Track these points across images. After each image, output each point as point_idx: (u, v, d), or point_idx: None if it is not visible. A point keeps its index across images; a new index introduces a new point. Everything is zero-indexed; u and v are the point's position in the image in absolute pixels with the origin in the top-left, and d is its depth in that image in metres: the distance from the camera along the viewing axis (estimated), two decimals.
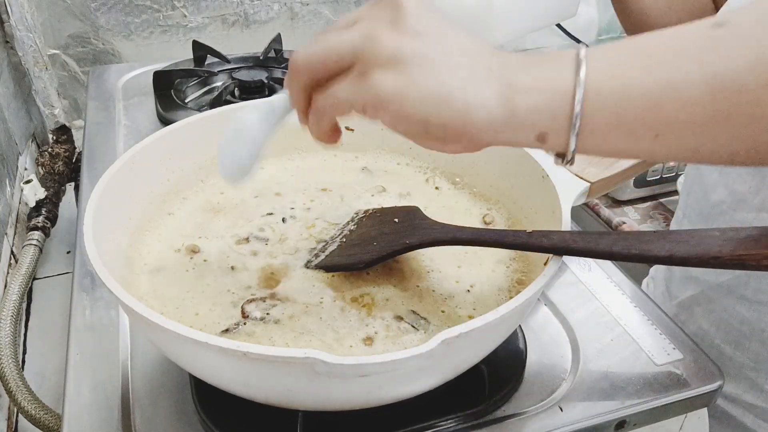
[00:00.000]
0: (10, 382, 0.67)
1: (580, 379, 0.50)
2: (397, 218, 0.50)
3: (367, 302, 0.46)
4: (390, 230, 0.49)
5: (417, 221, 0.49)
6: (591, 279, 0.60)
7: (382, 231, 0.49)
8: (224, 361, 0.36)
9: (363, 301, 0.46)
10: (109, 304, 0.57)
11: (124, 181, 0.50)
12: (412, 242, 0.46)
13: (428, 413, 0.46)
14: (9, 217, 0.89)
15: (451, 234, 0.45)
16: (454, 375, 0.42)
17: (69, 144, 1.12)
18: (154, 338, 0.41)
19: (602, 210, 1.10)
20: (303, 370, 0.35)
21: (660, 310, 0.57)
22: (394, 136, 0.36)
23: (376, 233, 0.49)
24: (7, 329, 0.70)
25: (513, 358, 0.51)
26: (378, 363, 0.34)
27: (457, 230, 0.46)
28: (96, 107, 0.92)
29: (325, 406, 0.41)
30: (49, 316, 0.85)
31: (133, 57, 1.14)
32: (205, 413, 0.45)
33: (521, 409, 0.47)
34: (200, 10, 1.15)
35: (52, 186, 0.97)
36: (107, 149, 0.81)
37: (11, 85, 1.04)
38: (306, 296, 0.47)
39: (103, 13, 1.10)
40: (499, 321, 0.37)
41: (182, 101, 0.90)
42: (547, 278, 0.40)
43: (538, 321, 0.55)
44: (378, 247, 0.47)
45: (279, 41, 1.05)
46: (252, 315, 0.45)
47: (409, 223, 0.49)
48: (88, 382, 0.49)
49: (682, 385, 0.49)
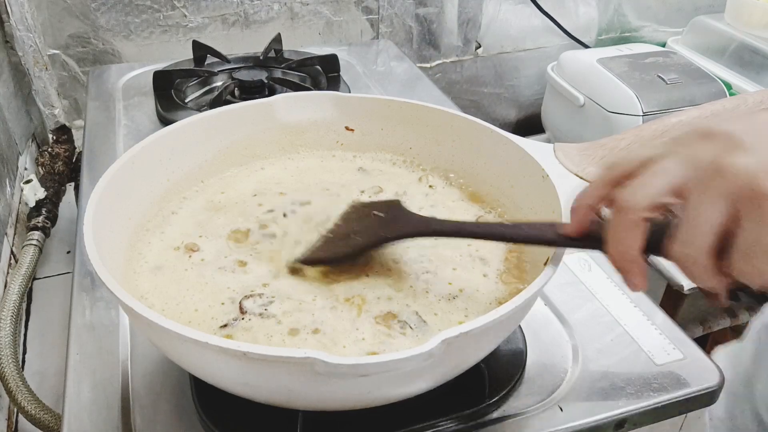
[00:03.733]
0: (10, 382, 0.67)
1: (580, 379, 0.50)
2: (380, 211, 0.50)
3: (358, 303, 0.46)
4: (372, 224, 0.49)
5: (398, 214, 0.49)
6: (591, 279, 0.60)
7: (365, 225, 0.50)
8: (224, 361, 0.36)
9: (354, 301, 0.46)
10: (109, 304, 0.57)
11: (124, 181, 0.50)
12: (389, 235, 0.47)
13: (428, 413, 0.46)
14: (9, 217, 0.89)
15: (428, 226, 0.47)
16: (454, 375, 0.42)
17: (69, 144, 1.12)
18: (154, 338, 0.41)
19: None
20: (303, 370, 0.35)
21: (660, 310, 0.57)
22: (393, 136, 0.35)
23: (359, 227, 0.50)
24: (7, 329, 0.70)
25: (513, 358, 0.51)
26: (378, 363, 0.34)
27: (435, 222, 0.47)
28: (96, 107, 0.92)
29: (325, 406, 0.41)
30: (49, 316, 0.85)
31: (133, 57, 1.14)
32: (205, 413, 0.45)
33: (521, 409, 0.47)
34: (200, 10, 1.15)
35: (52, 186, 0.97)
36: (107, 149, 0.81)
37: (11, 85, 1.04)
38: (302, 294, 0.47)
39: (103, 13, 1.10)
40: (500, 321, 0.37)
41: (182, 101, 0.90)
42: (546, 278, 0.40)
43: (538, 321, 0.55)
44: (359, 241, 0.48)
45: (279, 41, 1.05)
46: (250, 311, 0.45)
47: (391, 216, 0.49)
48: (88, 382, 0.49)
49: (682, 385, 0.49)
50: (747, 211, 0.30)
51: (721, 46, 1.33)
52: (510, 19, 1.38)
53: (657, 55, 1.31)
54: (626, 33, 1.50)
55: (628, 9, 1.47)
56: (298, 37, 1.24)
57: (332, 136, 0.62)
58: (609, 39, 1.48)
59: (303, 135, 0.62)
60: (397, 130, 0.61)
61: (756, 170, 0.30)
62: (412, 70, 1.07)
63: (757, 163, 0.30)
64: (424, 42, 1.35)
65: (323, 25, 1.25)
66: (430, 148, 0.61)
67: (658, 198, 0.33)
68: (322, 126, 0.62)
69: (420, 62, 1.36)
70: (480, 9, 1.35)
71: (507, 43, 1.42)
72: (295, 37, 1.23)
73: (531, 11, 1.37)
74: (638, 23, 1.50)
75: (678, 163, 0.33)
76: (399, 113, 0.61)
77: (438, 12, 1.32)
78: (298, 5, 1.21)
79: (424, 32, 1.34)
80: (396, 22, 1.30)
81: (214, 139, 0.59)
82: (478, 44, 1.39)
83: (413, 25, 1.32)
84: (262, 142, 0.61)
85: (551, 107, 1.39)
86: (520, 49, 1.43)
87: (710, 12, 1.43)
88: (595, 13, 1.44)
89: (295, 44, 1.17)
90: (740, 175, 0.30)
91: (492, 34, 1.39)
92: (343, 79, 0.99)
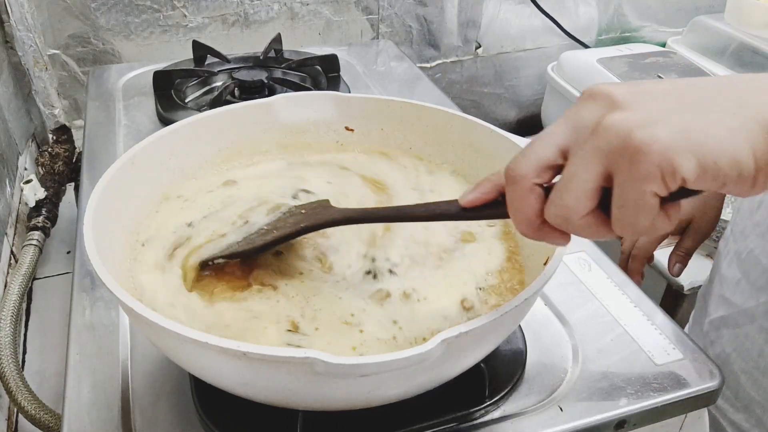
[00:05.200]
0: (10, 382, 0.67)
1: (580, 379, 0.50)
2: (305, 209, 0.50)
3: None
4: (295, 220, 0.49)
5: (318, 209, 0.49)
6: (591, 279, 0.60)
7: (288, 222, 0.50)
8: (224, 361, 0.36)
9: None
10: (109, 304, 0.57)
11: (124, 181, 0.50)
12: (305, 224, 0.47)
13: (428, 413, 0.46)
14: (9, 217, 0.89)
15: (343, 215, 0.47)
16: (454, 375, 0.42)
17: (69, 144, 1.12)
18: (154, 338, 0.41)
19: None
20: (303, 370, 0.35)
21: (660, 310, 0.57)
22: (393, 136, 0.35)
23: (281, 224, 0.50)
24: (7, 329, 0.71)
25: (513, 358, 0.51)
26: (378, 363, 0.34)
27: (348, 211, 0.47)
28: (96, 107, 0.92)
29: (325, 406, 0.41)
30: (49, 316, 0.85)
31: (133, 57, 1.14)
32: (205, 413, 0.45)
33: (521, 409, 0.47)
34: (200, 10, 1.15)
35: (52, 186, 0.97)
36: (107, 149, 0.81)
37: (11, 85, 1.04)
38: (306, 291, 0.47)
39: (103, 13, 1.10)
40: (499, 321, 0.37)
41: (182, 101, 0.90)
42: (546, 278, 0.40)
43: (538, 321, 0.55)
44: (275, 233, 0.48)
45: (279, 41, 1.05)
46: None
47: (312, 211, 0.49)
48: (88, 382, 0.49)
49: (682, 385, 0.49)
50: (618, 166, 0.29)
51: (721, 46, 1.33)
52: (510, 19, 1.38)
53: (657, 55, 1.31)
54: (626, 33, 1.50)
55: (628, 9, 1.47)
56: (298, 37, 1.24)
57: (332, 136, 0.62)
58: (609, 39, 1.48)
59: (303, 135, 0.62)
60: (397, 130, 0.61)
61: (630, 125, 0.29)
62: (412, 70, 1.07)
63: (631, 118, 0.29)
64: (424, 42, 1.35)
65: (323, 25, 1.25)
66: (430, 148, 0.61)
67: (543, 162, 0.33)
68: (322, 126, 0.62)
69: (420, 62, 1.36)
70: (480, 9, 1.35)
71: (507, 43, 1.42)
72: (295, 37, 1.23)
73: (531, 11, 1.37)
74: (638, 23, 1.50)
75: (562, 125, 0.33)
76: (399, 113, 0.61)
77: (438, 12, 1.32)
78: (298, 5, 1.21)
79: (424, 32, 1.34)
80: (396, 22, 1.30)
81: (214, 139, 0.59)
82: (478, 44, 1.40)
83: (413, 25, 1.32)
84: (262, 142, 0.61)
85: (551, 107, 1.39)
86: (520, 49, 1.43)
87: (710, 12, 1.43)
88: (595, 13, 1.44)
89: (295, 44, 1.17)
90: (613, 130, 0.29)
91: (492, 34, 1.39)
92: (343, 79, 0.99)
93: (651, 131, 0.28)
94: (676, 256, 0.78)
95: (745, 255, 0.62)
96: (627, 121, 0.29)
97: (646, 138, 0.28)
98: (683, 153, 0.28)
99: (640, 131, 0.29)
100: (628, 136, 0.29)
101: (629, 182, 0.29)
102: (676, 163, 0.28)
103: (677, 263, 0.78)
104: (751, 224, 0.62)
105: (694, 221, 0.76)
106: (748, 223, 0.63)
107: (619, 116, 0.30)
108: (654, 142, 0.28)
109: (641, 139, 0.28)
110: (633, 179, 0.29)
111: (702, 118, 0.29)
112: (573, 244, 0.36)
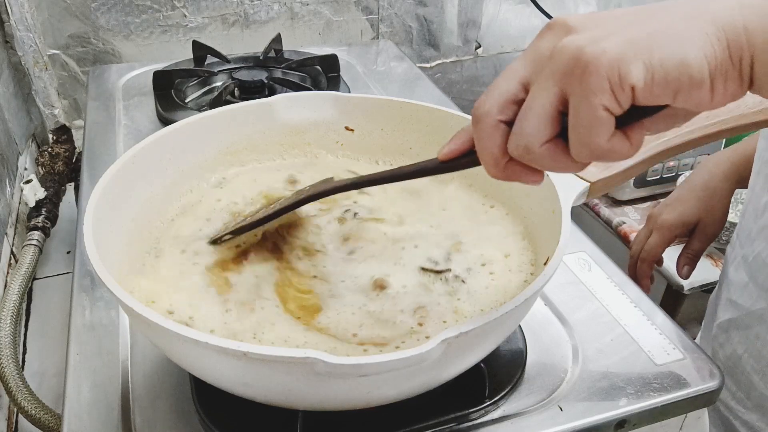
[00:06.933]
0: (10, 382, 0.67)
1: (580, 379, 0.50)
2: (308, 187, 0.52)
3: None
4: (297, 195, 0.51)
5: (320, 183, 0.50)
6: (591, 279, 0.60)
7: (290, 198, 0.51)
8: (224, 361, 0.36)
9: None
10: (109, 304, 0.57)
11: (124, 181, 0.50)
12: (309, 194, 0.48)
13: (428, 413, 0.46)
14: (9, 217, 0.89)
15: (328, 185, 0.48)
16: (454, 375, 0.42)
17: (69, 144, 1.12)
18: (154, 338, 0.41)
19: (602, 210, 1.09)
20: (303, 370, 0.35)
21: (660, 310, 0.57)
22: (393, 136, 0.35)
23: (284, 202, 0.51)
24: (7, 329, 0.71)
25: (513, 358, 0.51)
26: (378, 363, 0.34)
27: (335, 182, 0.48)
28: (96, 107, 0.92)
29: (325, 406, 0.41)
30: (49, 316, 0.85)
31: (133, 57, 1.14)
32: (205, 413, 0.45)
33: (521, 409, 0.47)
34: (200, 10, 1.15)
35: (52, 186, 0.97)
36: (107, 149, 0.81)
37: (11, 85, 1.04)
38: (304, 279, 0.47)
39: (103, 13, 1.10)
40: (499, 321, 0.37)
41: (182, 101, 0.90)
42: (546, 278, 0.40)
43: (538, 321, 0.55)
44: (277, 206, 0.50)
45: (279, 41, 1.05)
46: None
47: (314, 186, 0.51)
48: (88, 382, 0.49)
49: (682, 385, 0.49)
50: (571, 85, 0.29)
51: None
52: (510, 18, 1.38)
53: None
54: None
55: None
56: (298, 37, 1.24)
57: (332, 136, 0.62)
58: None
59: (303, 135, 0.62)
60: (397, 130, 0.61)
61: (582, 44, 0.29)
62: (412, 70, 1.07)
63: (583, 37, 0.29)
64: (424, 42, 1.35)
65: (323, 25, 1.25)
66: (430, 148, 0.61)
67: (506, 97, 0.32)
68: (322, 126, 0.62)
69: (420, 62, 1.36)
70: (480, 9, 1.35)
71: (507, 43, 1.42)
72: (295, 37, 1.23)
73: (531, 11, 1.37)
74: None
75: (522, 58, 0.33)
76: (399, 113, 0.61)
77: (438, 12, 1.32)
78: (298, 5, 1.21)
79: (424, 32, 1.34)
80: (396, 22, 1.31)
81: (214, 139, 0.59)
82: (478, 44, 1.40)
83: (413, 25, 1.32)
84: (262, 142, 0.61)
85: None
86: (520, 49, 1.43)
87: None
88: None
89: (295, 44, 1.17)
90: (565, 51, 0.29)
91: (492, 34, 1.39)
92: (343, 79, 0.99)
93: (600, 45, 0.28)
94: (684, 258, 0.79)
95: (751, 258, 0.63)
96: (579, 41, 0.29)
97: (595, 51, 0.28)
98: (631, 60, 0.28)
99: (589, 47, 0.29)
100: (579, 52, 0.29)
101: (581, 99, 0.29)
102: (623, 71, 0.28)
103: (686, 265, 0.79)
104: (756, 228, 0.62)
105: (701, 222, 0.76)
106: (753, 227, 0.63)
107: (572, 38, 0.30)
108: (602, 54, 0.28)
109: (590, 53, 0.28)
110: (584, 95, 0.29)
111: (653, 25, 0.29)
112: (573, 244, 0.36)
